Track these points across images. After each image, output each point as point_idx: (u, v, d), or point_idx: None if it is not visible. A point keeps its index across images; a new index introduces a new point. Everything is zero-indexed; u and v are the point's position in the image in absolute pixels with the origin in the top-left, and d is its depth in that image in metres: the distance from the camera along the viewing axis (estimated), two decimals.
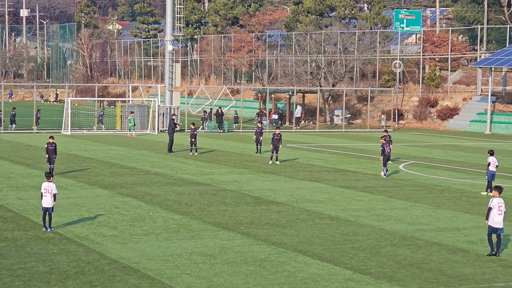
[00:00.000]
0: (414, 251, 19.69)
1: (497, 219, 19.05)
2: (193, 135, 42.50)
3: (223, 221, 23.11)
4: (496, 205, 19.05)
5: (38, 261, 17.71)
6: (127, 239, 20.33)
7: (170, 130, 44.04)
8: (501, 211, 19.04)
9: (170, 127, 44.33)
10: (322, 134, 63.39)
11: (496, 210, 19.02)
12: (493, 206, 19.05)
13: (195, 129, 43.17)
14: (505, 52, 69.11)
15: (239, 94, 78.51)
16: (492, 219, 19.09)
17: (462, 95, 73.92)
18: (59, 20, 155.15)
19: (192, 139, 42.46)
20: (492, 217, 19.07)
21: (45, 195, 21.13)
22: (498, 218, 19.04)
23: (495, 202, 19.07)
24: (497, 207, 19.03)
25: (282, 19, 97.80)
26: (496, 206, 19.04)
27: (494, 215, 19.06)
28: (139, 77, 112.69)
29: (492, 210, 19.05)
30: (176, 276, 16.77)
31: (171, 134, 43.83)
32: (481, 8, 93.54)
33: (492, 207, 19.07)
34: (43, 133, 56.60)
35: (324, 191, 30.07)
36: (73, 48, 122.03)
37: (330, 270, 17.62)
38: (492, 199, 19.24)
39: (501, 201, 19.16)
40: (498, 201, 19.10)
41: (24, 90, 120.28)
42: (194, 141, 42.52)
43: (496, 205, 19.05)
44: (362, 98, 77.59)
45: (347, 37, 78.19)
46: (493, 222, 19.09)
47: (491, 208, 19.08)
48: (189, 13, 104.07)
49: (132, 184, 30.78)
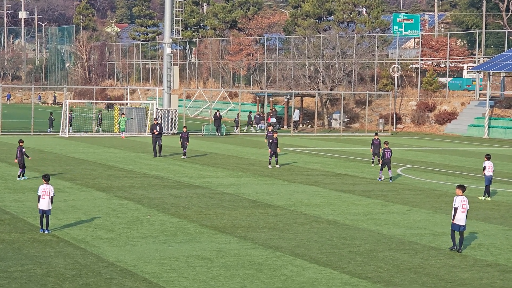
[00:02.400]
0: (412, 256, 19.67)
1: (459, 217, 19.79)
2: (186, 139, 42.24)
3: (221, 225, 23.09)
4: (460, 203, 19.80)
5: (35, 264, 17.68)
6: (124, 242, 20.30)
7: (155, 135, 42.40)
8: (464, 209, 19.80)
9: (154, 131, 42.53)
10: (320, 138, 63.39)
11: (460, 208, 19.79)
12: (458, 205, 19.80)
13: (187, 132, 42.94)
14: (503, 56, 69.16)
15: (237, 97, 78.46)
16: (456, 217, 19.82)
17: (460, 100, 73.95)
18: (57, 23, 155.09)
19: (185, 142, 42.18)
20: (456, 215, 19.82)
21: (43, 198, 21.08)
22: (461, 215, 19.78)
23: (458, 201, 19.83)
24: (460, 206, 19.78)
25: (280, 22, 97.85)
26: (460, 204, 19.79)
27: (458, 213, 19.81)
28: (137, 80, 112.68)
29: (458, 209, 19.81)
30: (173, 279, 16.75)
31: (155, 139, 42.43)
32: (480, 12, 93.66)
33: (457, 207, 19.80)
34: (40, 135, 56.59)
35: (322, 195, 30.06)
36: (71, 50, 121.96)
37: (328, 274, 17.60)
38: (456, 198, 19.95)
39: (464, 199, 19.91)
40: (461, 200, 19.85)
41: (22, 92, 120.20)
42: (186, 144, 42.25)
43: (460, 203, 19.80)
44: (360, 102, 77.61)
45: (345, 41, 78.23)
46: (456, 219, 19.82)
47: (456, 208, 19.79)
48: (188, 16, 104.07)
49: (129, 187, 30.76)
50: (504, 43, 79.83)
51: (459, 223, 19.80)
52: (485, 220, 25.40)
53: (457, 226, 19.87)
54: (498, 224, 24.63)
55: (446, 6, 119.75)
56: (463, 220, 19.83)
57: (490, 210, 27.56)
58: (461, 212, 19.77)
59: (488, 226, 24.24)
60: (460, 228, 19.86)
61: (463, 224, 19.84)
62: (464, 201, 19.87)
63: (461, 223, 19.80)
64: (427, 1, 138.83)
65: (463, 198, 19.92)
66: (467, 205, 19.92)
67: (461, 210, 19.78)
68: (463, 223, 19.83)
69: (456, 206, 19.79)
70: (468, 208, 19.97)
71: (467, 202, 20.02)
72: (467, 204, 19.93)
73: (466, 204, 19.89)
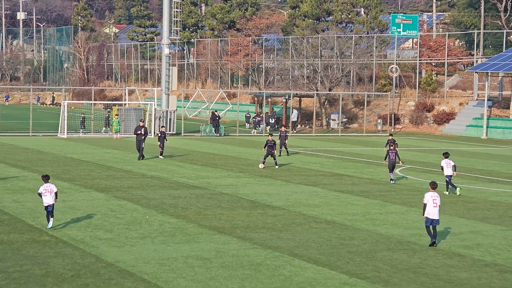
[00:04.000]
0: (410, 256, 19.70)
1: (432, 211, 20.58)
2: (162, 138, 42.20)
3: (219, 225, 23.11)
4: (430, 199, 20.62)
5: (34, 264, 17.70)
6: (123, 242, 20.32)
7: (139, 137, 41.46)
8: (435, 204, 20.61)
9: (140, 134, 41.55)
10: (318, 138, 63.41)
11: (431, 203, 20.59)
12: (427, 201, 20.64)
13: (164, 133, 42.80)
14: (501, 57, 69.21)
15: (236, 98, 78.47)
16: (428, 212, 20.61)
17: (458, 100, 74.00)
18: (56, 23, 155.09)
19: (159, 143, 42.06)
20: (428, 210, 20.60)
21: (45, 195, 21.23)
22: (434, 210, 20.57)
23: (428, 197, 20.69)
24: (431, 201, 20.60)
25: (279, 23, 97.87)
26: (430, 200, 20.61)
27: (430, 208, 20.59)
28: (136, 81, 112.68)
29: (427, 204, 20.60)
30: (172, 279, 16.77)
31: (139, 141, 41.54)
32: (478, 13, 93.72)
33: (426, 202, 20.65)
34: (39, 136, 56.60)
35: (320, 195, 30.08)
36: (69, 51, 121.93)
37: (326, 274, 17.62)
38: (426, 194, 20.88)
39: (434, 195, 20.76)
40: (431, 195, 20.70)
41: (21, 93, 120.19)
42: (161, 145, 42.11)
43: (430, 199, 20.62)
44: (358, 102, 77.65)
45: (343, 42, 78.28)
46: (429, 214, 20.61)
47: (425, 204, 20.67)
48: (186, 17, 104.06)
49: (128, 187, 30.76)
50: (502, 44, 79.88)
51: (432, 217, 20.56)
52: (483, 220, 25.42)
53: (430, 220, 20.62)
54: (496, 224, 24.65)
55: (444, 6, 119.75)
56: (436, 215, 20.57)
57: (488, 210, 27.59)
58: (432, 207, 20.56)
59: (486, 226, 24.26)
60: (433, 222, 20.60)
61: (436, 218, 20.56)
62: (434, 197, 20.66)
63: (433, 217, 20.54)
64: (425, 2, 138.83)
65: (433, 194, 20.74)
66: (438, 200, 20.69)
67: (432, 205, 20.57)
68: (436, 217, 20.56)
69: (425, 202, 20.69)
70: (439, 204, 20.75)
71: (439, 197, 20.81)
72: (438, 200, 20.70)
73: (437, 200, 20.66)
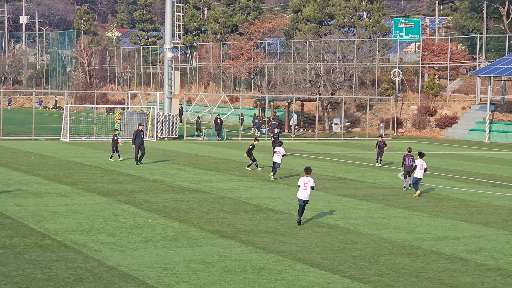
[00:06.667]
0: (413, 260, 19.65)
1: (303, 194, 23.81)
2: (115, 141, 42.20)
3: (222, 229, 23.08)
4: (302, 182, 23.82)
5: (36, 268, 17.67)
6: (126, 246, 20.29)
7: (139, 141, 41.00)
8: (306, 187, 23.72)
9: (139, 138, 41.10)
10: (321, 142, 63.38)
11: (302, 187, 23.79)
12: (300, 184, 23.90)
13: (117, 136, 42.67)
14: (504, 61, 69.17)
15: (238, 101, 78.50)
16: (300, 193, 23.84)
17: (461, 104, 73.98)
18: (58, 27, 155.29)
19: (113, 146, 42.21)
20: (300, 192, 23.81)
21: None
22: (304, 192, 23.78)
23: (301, 181, 23.93)
24: (302, 184, 23.79)
25: (281, 27, 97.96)
26: (302, 183, 23.81)
27: (301, 191, 23.81)
28: (138, 84, 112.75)
29: (300, 187, 23.85)
30: (174, 283, 16.74)
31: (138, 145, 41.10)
32: (480, 17, 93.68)
33: (299, 185, 23.92)
34: (42, 139, 56.61)
35: (323, 199, 30.05)
36: (72, 55, 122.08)
37: (329, 278, 17.58)
38: (300, 178, 24.12)
39: (307, 179, 23.78)
40: (304, 180, 23.84)
41: (23, 96, 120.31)
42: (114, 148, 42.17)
43: (302, 182, 23.82)
44: (361, 106, 77.63)
45: (346, 45, 78.30)
46: (300, 195, 23.84)
47: (299, 186, 23.97)
48: (189, 21, 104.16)
49: (130, 191, 30.75)
50: (504, 48, 79.86)
51: (303, 198, 23.78)
52: (486, 224, 25.38)
53: (302, 201, 23.84)
54: (499, 229, 24.60)
55: (446, 10, 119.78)
56: (307, 196, 23.76)
57: (491, 214, 27.54)
58: (303, 189, 23.74)
59: (490, 231, 24.21)
60: (304, 202, 23.82)
61: (306, 199, 23.78)
62: (306, 181, 23.75)
63: (304, 198, 23.76)
64: (427, 6, 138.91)
65: (306, 178, 23.82)
66: (309, 184, 23.71)
67: (303, 188, 23.75)
68: (306, 199, 23.77)
69: (299, 184, 23.98)
70: (310, 186, 23.71)
71: (310, 181, 23.68)
72: (309, 183, 23.70)
73: (308, 183, 23.70)
